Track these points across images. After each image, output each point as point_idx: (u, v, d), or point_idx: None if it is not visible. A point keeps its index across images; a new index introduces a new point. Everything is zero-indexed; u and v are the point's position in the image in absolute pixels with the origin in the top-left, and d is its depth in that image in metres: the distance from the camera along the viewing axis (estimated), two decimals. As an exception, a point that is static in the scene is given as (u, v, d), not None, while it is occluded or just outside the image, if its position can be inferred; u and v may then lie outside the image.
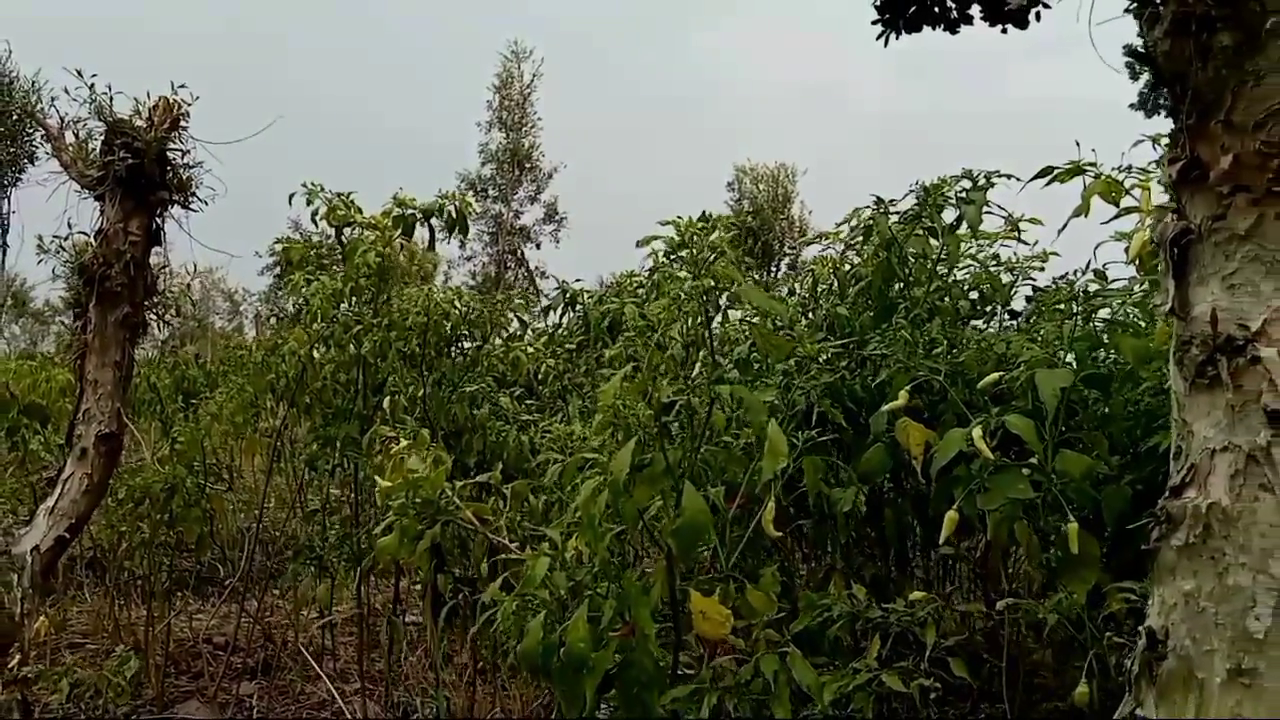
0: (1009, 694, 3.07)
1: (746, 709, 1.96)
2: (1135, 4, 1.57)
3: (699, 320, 2.04)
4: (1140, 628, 1.57)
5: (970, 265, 4.10)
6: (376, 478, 2.48)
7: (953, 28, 2.58)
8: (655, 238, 2.05)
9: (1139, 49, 1.56)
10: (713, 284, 1.97)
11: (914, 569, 4.01)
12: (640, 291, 4.12)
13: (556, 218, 36.56)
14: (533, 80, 35.92)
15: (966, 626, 3.19)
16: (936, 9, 2.45)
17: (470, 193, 35.81)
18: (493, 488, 2.32)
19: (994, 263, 4.04)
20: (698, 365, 2.13)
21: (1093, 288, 3.24)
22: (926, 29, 2.66)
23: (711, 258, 1.97)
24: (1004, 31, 2.62)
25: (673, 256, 2.04)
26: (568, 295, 4.81)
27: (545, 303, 5.11)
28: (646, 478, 1.96)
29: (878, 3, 2.65)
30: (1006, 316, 3.96)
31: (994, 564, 2.89)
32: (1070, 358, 3.15)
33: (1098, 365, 2.89)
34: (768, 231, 36.85)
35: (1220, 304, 1.46)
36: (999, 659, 3.11)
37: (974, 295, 3.88)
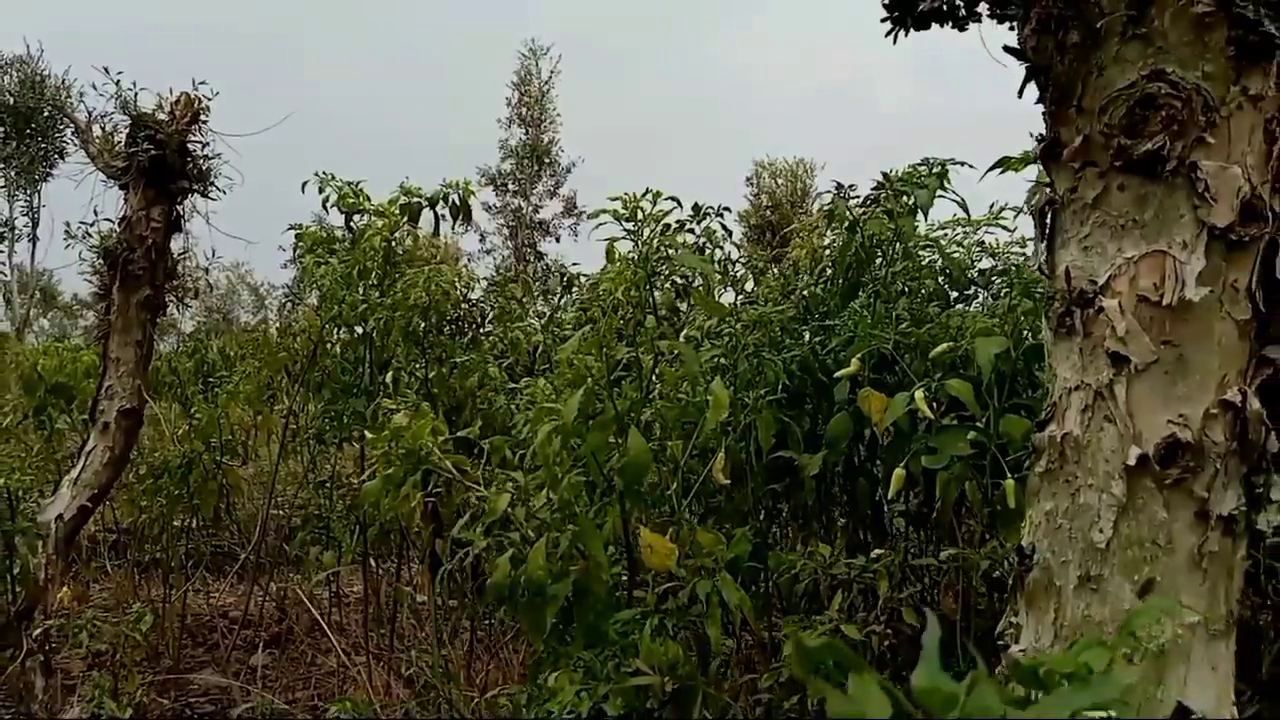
0: (961, 638, 3.30)
1: (686, 629, 2.20)
2: (1016, 9, 1.80)
3: (643, 285, 2.28)
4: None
5: (954, 249, 4.34)
6: (367, 433, 2.73)
7: (960, 25, 2.71)
8: (605, 210, 2.29)
9: (1015, 46, 1.79)
10: (654, 251, 2.21)
11: (887, 526, 4.25)
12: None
13: (575, 211, 36.87)
14: (550, 77, 36.25)
15: (920, 579, 3.42)
16: (944, 6, 2.59)
17: (490, 187, 36.19)
18: (473, 443, 2.57)
19: (978, 248, 4.27)
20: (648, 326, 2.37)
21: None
22: (935, 26, 2.84)
23: (653, 228, 2.21)
24: (1011, 28, 2.80)
25: (621, 227, 2.28)
26: (565, 279, 5.06)
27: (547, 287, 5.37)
28: (599, 424, 2.20)
29: (886, 0, 2.84)
30: (981, 295, 4.19)
31: (945, 519, 3.11)
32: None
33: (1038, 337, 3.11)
34: (785, 225, 36.92)
35: (1076, 263, 1.69)
36: (951, 607, 3.34)
37: (942, 278, 4.11)
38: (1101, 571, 1.61)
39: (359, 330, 4.53)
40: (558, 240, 36.53)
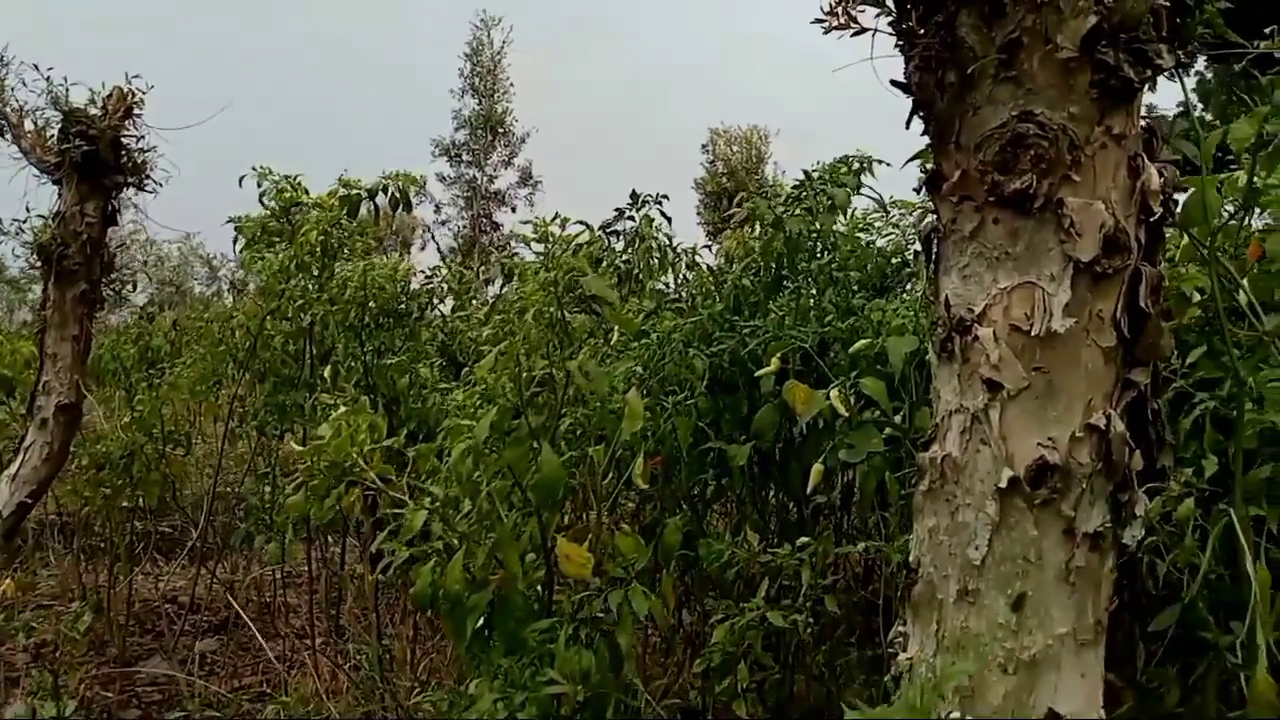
0: (883, 621, 3.43)
1: (599, 637, 2.28)
2: (901, 44, 1.86)
3: (553, 305, 2.35)
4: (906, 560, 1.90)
5: (889, 232, 4.44)
6: (292, 443, 2.78)
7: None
8: (519, 236, 2.34)
9: (901, 80, 1.86)
10: (564, 274, 2.28)
11: (819, 516, 4.37)
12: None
13: (531, 181, 36.71)
14: (503, 47, 35.95)
15: (842, 568, 3.54)
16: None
17: (444, 158, 35.89)
18: (410, 439, 2.63)
19: (912, 230, 4.38)
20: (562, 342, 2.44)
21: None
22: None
23: (564, 250, 2.27)
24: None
25: (533, 250, 2.34)
26: (505, 269, 5.10)
27: (486, 275, 5.40)
28: (514, 440, 2.28)
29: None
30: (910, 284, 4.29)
31: (864, 512, 3.22)
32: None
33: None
34: (741, 192, 37.00)
35: (956, 291, 1.78)
36: (871, 594, 3.47)
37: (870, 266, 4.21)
38: (978, 586, 1.71)
39: (299, 323, 4.55)
40: (513, 210, 36.36)
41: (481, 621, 2.31)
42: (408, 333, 4.71)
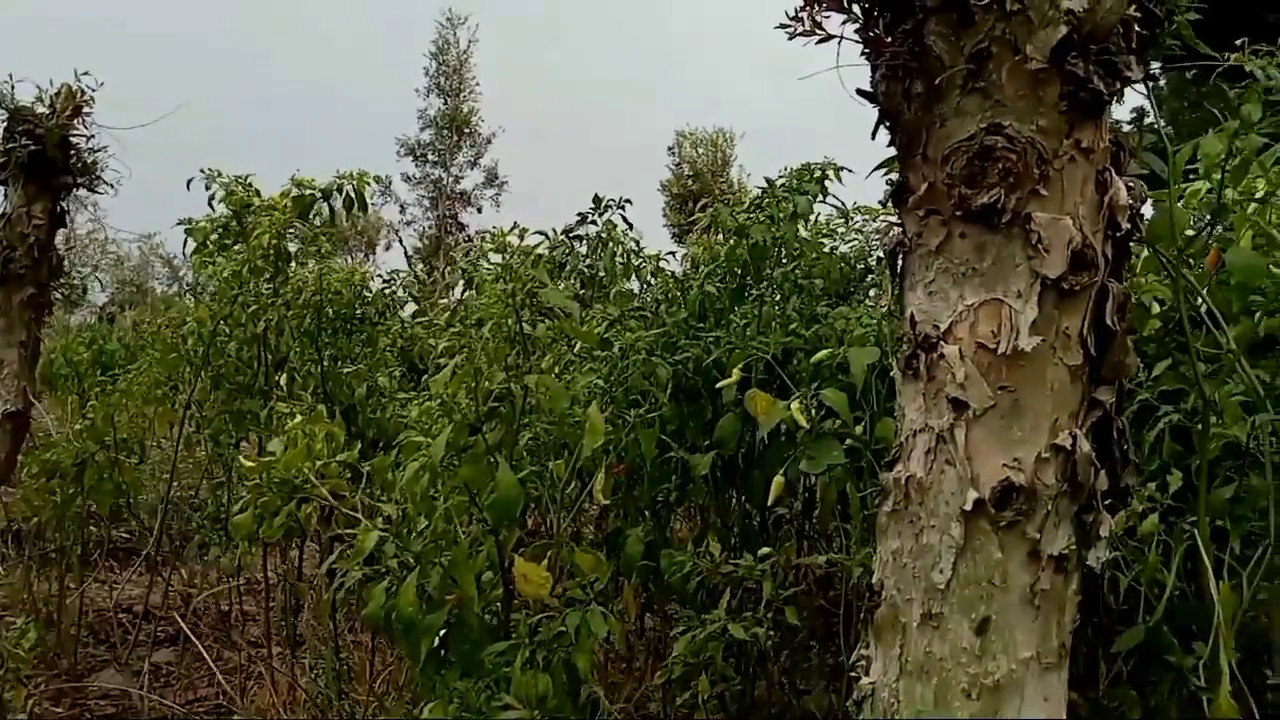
0: (845, 633, 3.41)
1: (557, 659, 2.23)
2: (867, 51, 1.82)
3: (511, 319, 2.29)
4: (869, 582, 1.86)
5: (853, 238, 4.41)
6: (241, 459, 2.69)
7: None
8: (474, 247, 2.28)
9: (869, 90, 1.81)
10: (522, 286, 2.22)
11: (782, 524, 4.34)
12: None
13: (497, 182, 36.54)
14: (469, 47, 35.76)
15: (804, 578, 3.51)
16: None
17: (410, 158, 35.63)
18: (369, 448, 2.55)
19: (876, 235, 4.35)
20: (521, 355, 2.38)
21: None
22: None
23: (522, 263, 2.21)
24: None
25: (490, 262, 2.28)
26: (466, 275, 5.01)
27: (447, 280, 5.32)
28: (470, 457, 2.21)
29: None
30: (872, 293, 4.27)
31: (826, 522, 3.19)
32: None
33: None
34: (707, 194, 37.10)
35: (921, 307, 1.73)
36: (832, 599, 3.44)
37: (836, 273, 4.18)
38: (942, 610, 1.67)
39: (252, 328, 4.45)
40: (479, 211, 36.18)
41: (438, 641, 2.24)
42: (366, 339, 4.61)
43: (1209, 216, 2.01)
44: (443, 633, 2.26)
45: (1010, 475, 1.63)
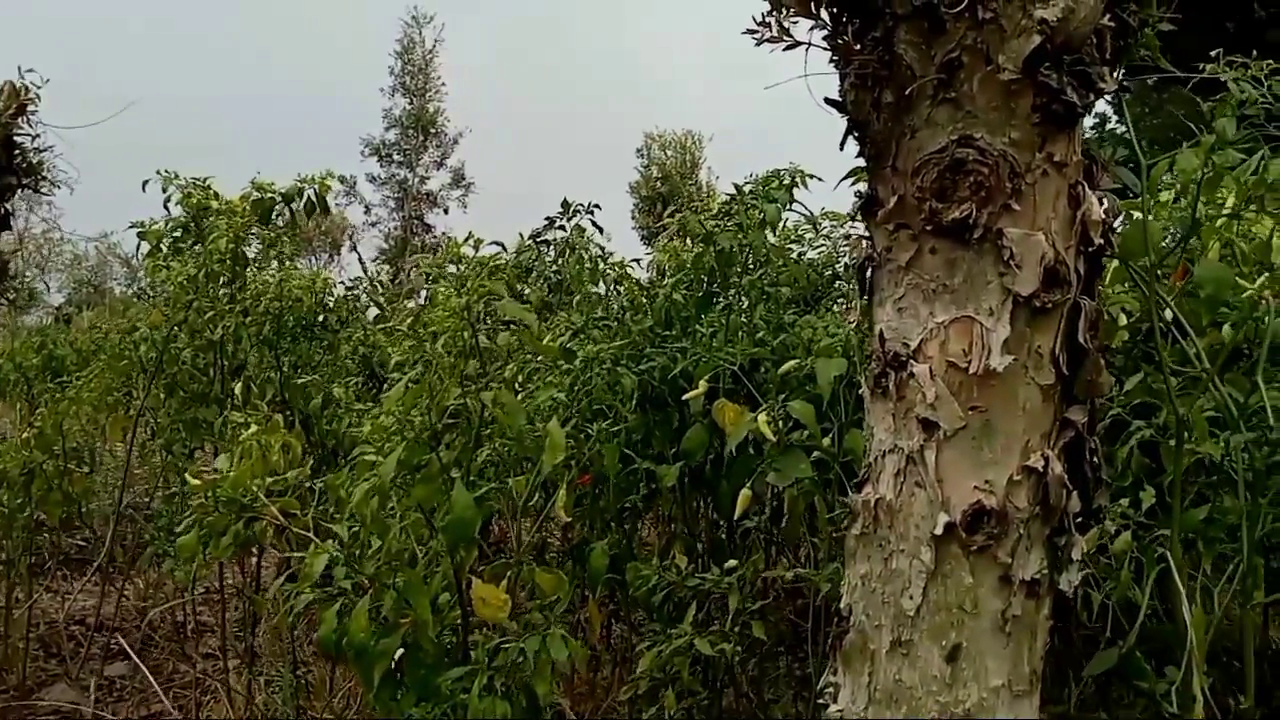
0: (812, 641, 3.37)
1: (516, 685, 2.16)
2: (835, 59, 1.76)
3: (467, 332, 2.22)
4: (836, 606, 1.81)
5: (820, 244, 4.38)
6: (188, 476, 2.60)
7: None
8: (428, 259, 2.21)
9: (835, 99, 1.76)
10: (477, 299, 2.15)
11: (749, 534, 4.30)
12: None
13: (464, 183, 36.31)
14: (434, 46, 35.51)
15: (772, 589, 3.47)
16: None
17: (375, 158, 35.33)
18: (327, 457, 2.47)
19: (843, 240, 4.32)
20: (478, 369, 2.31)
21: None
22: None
23: (477, 274, 2.14)
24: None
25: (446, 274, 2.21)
26: (428, 280, 4.93)
27: (409, 286, 5.22)
28: (424, 477, 2.14)
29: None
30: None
31: (792, 535, 3.14)
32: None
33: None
34: (676, 197, 37.15)
35: (891, 324, 1.68)
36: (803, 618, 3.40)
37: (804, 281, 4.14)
38: (912, 637, 1.62)
39: (209, 335, 4.33)
40: (446, 212, 35.94)
41: (393, 665, 2.17)
42: (326, 346, 4.51)
43: (1182, 232, 1.97)
44: (400, 654, 2.18)
45: (982, 498, 1.58)
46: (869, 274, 1.75)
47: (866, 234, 1.78)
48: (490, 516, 3.44)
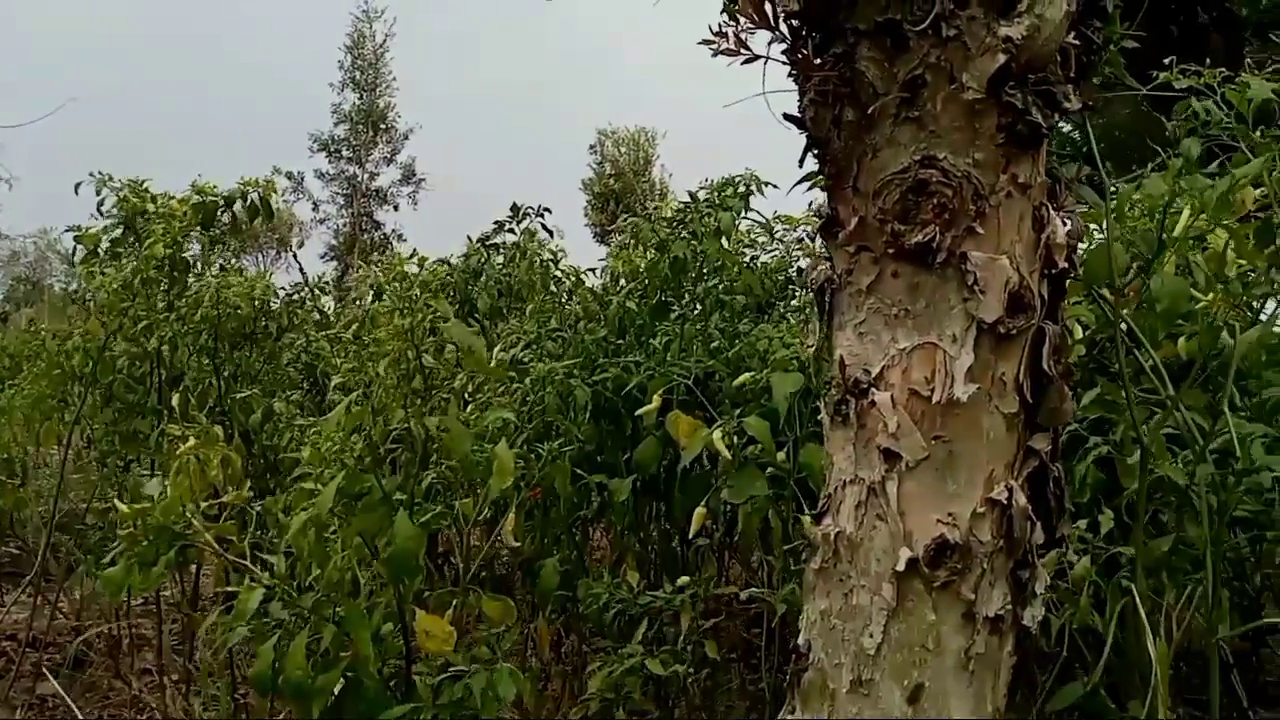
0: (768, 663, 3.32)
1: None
2: (795, 74, 1.70)
3: (412, 352, 2.13)
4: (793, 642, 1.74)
5: (775, 247, 4.33)
6: (116, 502, 2.48)
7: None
8: (368, 276, 2.12)
9: (795, 114, 1.69)
10: (420, 320, 2.06)
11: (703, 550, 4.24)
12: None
13: (414, 179, 35.93)
14: (385, 41, 35.10)
15: (725, 606, 3.41)
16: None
17: (323, 154, 34.83)
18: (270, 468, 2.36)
19: (797, 245, 4.29)
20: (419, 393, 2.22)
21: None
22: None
23: (420, 295, 2.05)
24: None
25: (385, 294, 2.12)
26: (373, 288, 4.81)
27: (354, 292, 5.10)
28: (366, 505, 2.04)
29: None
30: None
31: (746, 551, 3.09)
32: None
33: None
34: (629, 194, 37.10)
35: (852, 350, 1.62)
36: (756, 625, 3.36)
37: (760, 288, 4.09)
38: (872, 676, 1.56)
39: (144, 344, 4.17)
40: (395, 209, 35.53)
41: (332, 703, 2.07)
42: (267, 355, 4.37)
43: (1147, 255, 1.93)
44: (339, 688, 2.08)
45: (945, 531, 1.53)
46: (828, 297, 1.69)
47: (826, 255, 1.72)
48: (436, 534, 3.34)
